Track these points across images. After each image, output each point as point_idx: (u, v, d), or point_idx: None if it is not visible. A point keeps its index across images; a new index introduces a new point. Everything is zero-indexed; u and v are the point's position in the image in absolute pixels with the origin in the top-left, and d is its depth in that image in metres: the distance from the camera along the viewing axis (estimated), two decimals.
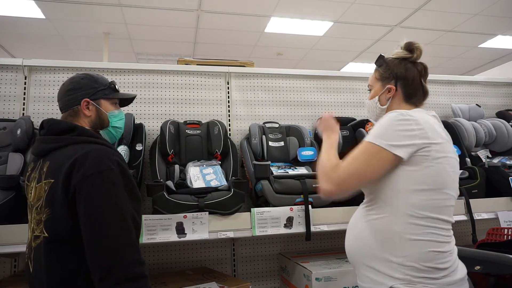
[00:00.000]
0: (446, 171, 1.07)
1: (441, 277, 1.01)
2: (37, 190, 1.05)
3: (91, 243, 0.94)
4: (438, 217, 1.05)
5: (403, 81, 1.22)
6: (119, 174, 1.01)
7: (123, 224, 0.97)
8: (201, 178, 1.82)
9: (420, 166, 1.05)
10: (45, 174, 1.04)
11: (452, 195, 1.09)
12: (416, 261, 1.02)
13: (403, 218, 1.06)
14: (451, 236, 1.09)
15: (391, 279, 1.04)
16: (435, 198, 1.06)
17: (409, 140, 1.05)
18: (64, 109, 1.20)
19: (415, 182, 1.06)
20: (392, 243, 1.06)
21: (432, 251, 1.03)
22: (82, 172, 0.97)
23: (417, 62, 1.25)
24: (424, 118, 1.11)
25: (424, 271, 1.01)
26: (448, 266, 1.03)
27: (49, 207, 0.99)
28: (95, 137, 1.11)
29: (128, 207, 1.00)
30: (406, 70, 1.22)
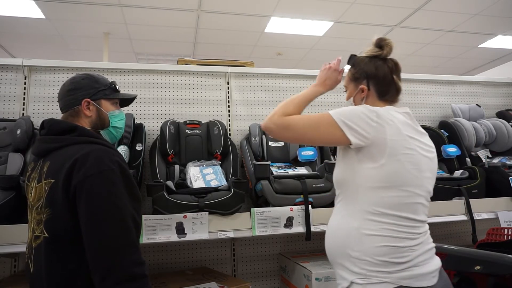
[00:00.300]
0: (406, 169, 1.06)
1: (396, 271, 1.02)
2: (37, 190, 1.05)
3: (92, 243, 0.94)
4: (397, 214, 1.05)
5: (375, 80, 1.21)
6: (120, 174, 1.01)
7: (124, 224, 0.97)
8: (201, 178, 1.82)
9: (377, 163, 1.06)
10: (45, 174, 1.04)
11: (416, 193, 1.08)
12: (371, 256, 1.04)
13: (361, 214, 1.08)
14: (416, 233, 1.07)
15: (351, 273, 1.06)
16: (394, 196, 1.06)
17: (364, 128, 1.06)
18: (64, 109, 1.20)
19: (373, 179, 1.07)
20: (351, 239, 1.08)
21: (386, 246, 1.04)
22: (83, 172, 0.97)
23: (387, 59, 1.24)
24: (391, 115, 1.11)
25: (378, 265, 1.03)
26: (405, 261, 1.03)
27: (49, 207, 0.99)
28: (96, 137, 1.11)
29: (128, 207, 1.00)
30: (377, 68, 1.21)
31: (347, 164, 1.13)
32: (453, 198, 1.98)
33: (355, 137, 1.06)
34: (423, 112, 2.65)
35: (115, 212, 0.97)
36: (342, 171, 1.16)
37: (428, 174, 1.12)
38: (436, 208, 1.90)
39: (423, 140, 1.15)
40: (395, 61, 1.24)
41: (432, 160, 1.15)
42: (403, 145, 1.07)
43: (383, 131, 1.06)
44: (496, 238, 1.81)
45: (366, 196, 1.08)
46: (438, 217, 1.89)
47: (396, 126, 1.08)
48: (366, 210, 1.07)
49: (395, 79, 1.22)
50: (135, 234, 1.00)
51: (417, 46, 6.44)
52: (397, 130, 1.08)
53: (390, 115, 1.10)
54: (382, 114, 1.08)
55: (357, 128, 1.06)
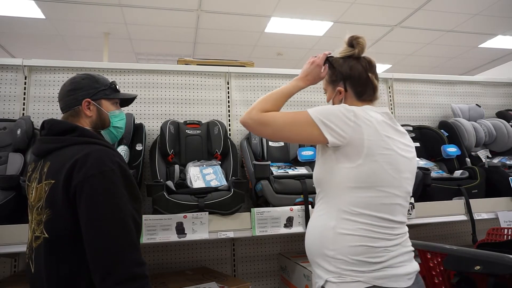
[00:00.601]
0: (384, 169, 1.06)
1: (370, 271, 1.02)
2: (37, 191, 1.05)
3: (92, 243, 0.94)
4: (374, 214, 1.05)
5: (350, 81, 1.20)
6: (120, 175, 1.01)
7: (124, 224, 0.97)
8: (201, 178, 1.82)
9: (355, 163, 1.06)
10: (46, 175, 1.04)
11: (394, 193, 1.08)
12: (346, 255, 1.04)
13: (338, 214, 1.08)
14: (393, 234, 1.07)
15: (327, 272, 1.07)
16: (372, 196, 1.06)
17: (342, 127, 1.06)
18: (65, 110, 1.19)
19: (350, 179, 1.07)
20: (328, 238, 1.08)
21: (362, 246, 1.04)
22: (83, 172, 0.97)
23: (360, 58, 1.22)
24: (368, 114, 1.10)
25: (352, 264, 1.03)
26: (380, 261, 1.03)
27: (50, 208, 0.99)
28: (96, 138, 1.11)
29: (128, 207, 1.00)
30: (351, 69, 1.20)
31: (325, 163, 1.13)
32: (453, 198, 1.98)
33: (332, 136, 1.06)
34: (423, 112, 2.65)
35: (115, 212, 0.97)
36: (320, 170, 1.16)
37: (407, 175, 1.11)
38: (436, 208, 1.91)
39: (402, 140, 1.14)
40: (368, 59, 1.22)
41: (411, 160, 1.14)
42: (380, 145, 1.07)
43: (360, 131, 1.06)
44: (496, 238, 1.81)
45: (343, 195, 1.08)
46: (438, 217, 1.89)
47: (373, 126, 1.08)
48: (343, 210, 1.07)
49: (370, 77, 1.20)
50: (135, 235, 1.00)
51: (417, 46, 6.44)
52: (375, 130, 1.07)
53: (367, 115, 1.10)
54: (359, 114, 1.08)
55: (335, 127, 1.06)
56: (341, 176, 1.08)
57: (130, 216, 0.99)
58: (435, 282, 1.38)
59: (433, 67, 7.55)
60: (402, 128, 1.18)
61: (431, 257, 1.38)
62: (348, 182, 1.07)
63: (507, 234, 1.78)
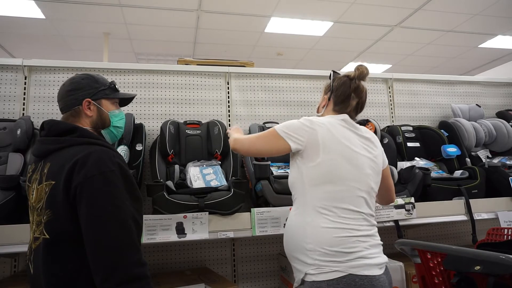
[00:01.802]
0: (341, 164, 1.22)
1: (346, 260, 1.13)
2: (38, 192, 1.05)
3: (92, 243, 0.94)
4: (341, 206, 1.19)
5: (335, 93, 1.37)
6: (120, 176, 1.01)
7: (124, 225, 0.96)
8: (201, 178, 1.82)
9: (315, 162, 1.22)
10: (46, 176, 1.03)
11: (356, 187, 1.22)
12: (323, 246, 1.15)
13: (311, 209, 1.21)
14: (361, 225, 1.20)
15: (306, 265, 1.17)
16: (336, 190, 1.20)
17: (300, 133, 1.25)
18: (65, 110, 1.19)
19: (314, 177, 1.22)
20: (305, 232, 1.19)
21: (337, 237, 1.16)
22: (84, 173, 0.96)
23: (353, 80, 1.36)
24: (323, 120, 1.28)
25: (330, 255, 1.14)
26: (354, 251, 1.15)
27: (50, 209, 0.99)
28: (96, 138, 1.11)
29: (129, 208, 0.99)
30: (340, 85, 1.37)
31: (295, 167, 1.29)
32: (453, 198, 1.99)
33: (293, 142, 1.25)
34: (423, 112, 2.65)
35: (115, 213, 0.96)
36: (292, 175, 1.31)
37: (368, 171, 1.26)
38: (436, 208, 1.91)
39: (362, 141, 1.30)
40: (359, 84, 1.36)
41: (372, 160, 1.28)
42: (335, 143, 1.23)
43: (315, 133, 1.24)
44: (496, 238, 1.81)
45: (312, 192, 1.22)
46: (438, 217, 1.90)
47: (325, 127, 1.25)
48: (315, 205, 1.21)
49: (351, 98, 1.35)
50: (136, 235, 1.00)
51: (417, 46, 6.44)
52: (327, 130, 1.25)
53: (322, 121, 1.28)
54: (314, 121, 1.27)
55: (294, 135, 1.25)
56: (307, 175, 1.24)
57: (130, 216, 0.99)
58: (435, 282, 1.38)
59: (433, 67, 7.55)
60: (365, 133, 1.33)
61: (431, 257, 1.38)
62: (314, 179, 1.22)
63: (507, 234, 1.78)
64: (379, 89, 2.60)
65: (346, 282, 1.11)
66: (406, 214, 1.82)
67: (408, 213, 1.83)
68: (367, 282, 1.12)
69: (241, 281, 2.09)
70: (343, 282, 1.11)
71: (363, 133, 1.32)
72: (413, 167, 2.01)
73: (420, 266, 1.44)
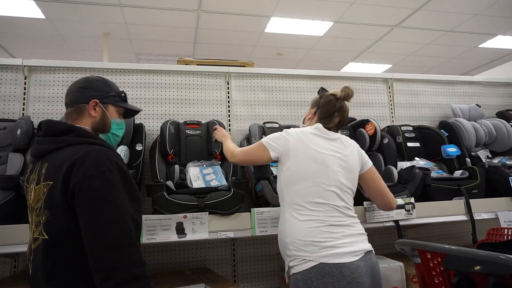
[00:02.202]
0: (309, 165, 1.39)
1: (316, 250, 1.26)
2: (36, 192, 1.04)
3: (92, 244, 0.94)
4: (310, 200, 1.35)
5: (320, 109, 1.54)
6: (118, 175, 1.01)
7: (123, 225, 0.96)
8: (201, 178, 1.82)
9: (287, 165, 1.42)
10: (44, 176, 1.03)
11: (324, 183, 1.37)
12: (296, 238, 1.31)
13: (288, 206, 1.39)
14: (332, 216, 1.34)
15: (288, 258, 1.33)
16: (307, 186, 1.37)
17: (277, 143, 1.46)
18: (70, 105, 1.19)
19: (287, 177, 1.41)
20: (285, 228, 1.37)
21: (308, 228, 1.31)
22: (82, 173, 0.96)
23: (340, 100, 1.52)
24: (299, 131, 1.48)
25: (302, 246, 1.28)
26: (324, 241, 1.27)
27: (48, 209, 0.99)
28: (94, 138, 1.11)
29: (127, 207, 0.99)
30: (326, 103, 1.53)
31: (278, 174, 1.49)
32: (453, 198, 1.98)
33: (273, 150, 1.46)
34: (423, 112, 2.65)
35: (114, 213, 0.96)
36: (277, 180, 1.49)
37: (336, 168, 1.40)
38: (436, 208, 1.91)
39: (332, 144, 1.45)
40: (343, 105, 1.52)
41: (341, 158, 1.43)
42: (304, 149, 1.41)
43: (287, 142, 1.44)
44: (496, 238, 1.81)
45: (287, 192, 1.41)
46: (438, 217, 1.90)
47: (297, 136, 1.45)
48: (290, 202, 1.38)
49: (334, 116, 1.51)
50: (135, 235, 1.00)
51: (417, 46, 6.44)
52: (299, 139, 1.44)
53: (295, 131, 1.48)
54: (289, 132, 1.48)
55: (274, 144, 1.46)
56: (283, 178, 1.44)
57: (129, 216, 0.99)
58: (435, 282, 1.38)
59: (433, 67, 7.55)
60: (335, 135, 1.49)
61: (431, 257, 1.37)
62: (287, 180, 1.41)
63: (507, 234, 1.78)
64: (379, 89, 2.60)
65: (317, 271, 1.23)
66: (406, 214, 1.82)
67: (408, 213, 1.83)
68: (336, 270, 1.22)
69: (241, 281, 2.09)
70: (314, 271, 1.23)
71: (332, 136, 1.48)
72: (413, 167, 2.01)
73: (420, 266, 1.44)
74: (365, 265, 1.27)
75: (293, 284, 1.29)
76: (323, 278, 1.22)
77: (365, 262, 1.28)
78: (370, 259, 1.32)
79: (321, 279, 1.22)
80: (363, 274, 1.26)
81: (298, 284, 1.26)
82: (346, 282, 1.22)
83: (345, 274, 1.22)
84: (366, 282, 1.26)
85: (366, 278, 1.26)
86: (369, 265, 1.29)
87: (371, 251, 1.34)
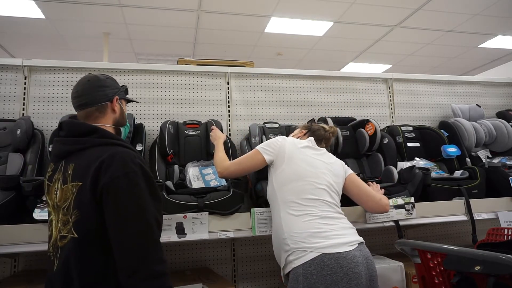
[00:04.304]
0: (301, 167, 1.50)
1: (317, 242, 1.32)
2: (63, 192, 1.08)
3: (118, 241, 0.99)
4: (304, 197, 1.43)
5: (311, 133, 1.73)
6: (142, 176, 1.05)
7: (148, 224, 1.01)
8: (201, 178, 1.82)
9: (281, 168, 1.52)
10: (71, 177, 1.07)
11: (315, 181, 1.47)
12: (295, 232, 1.37)
13: (282, 205, 1.46)
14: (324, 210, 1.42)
15: (285, 253, 1.37)
16: (299, 185, 1.46)
17: (272, 147, 1.56)
18: (91, 104, 1.19)
19: (281, 179, 1.50)
20: (280, 225, 1.43)
21: (304, 221, 1.38)
22: (110, 174, 1.00)
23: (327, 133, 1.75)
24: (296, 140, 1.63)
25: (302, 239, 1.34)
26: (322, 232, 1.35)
27: (78, 209, 1.03)
28: (116, 139, 1.14)
29: (151, 207, 1.03)
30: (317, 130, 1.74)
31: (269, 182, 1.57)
32: (453, 198, 1.98)
33: (268, 155, 1.55)
34: (423, 112, 2.65)
35: (140, 213, 1.00)
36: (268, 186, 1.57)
37: (325, 171, 1.52)
38: (436, 208, 1.91)
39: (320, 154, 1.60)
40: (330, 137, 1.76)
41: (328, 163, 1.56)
42: (298, 154, 1.54)
43: (284, 147, 1.55)
44: (496, 238, 1.81)
45: (280, 192, 1.48)
46: (438, 217, 1.89)
47: (292, 142, 1.59)
48: (284, 201, 1.45)
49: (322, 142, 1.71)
50: (158, 233, 1.05)
51: (417, 46, 6.44)
52: (294, 145, 1.57)
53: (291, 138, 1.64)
54: (285, 138, 1.62)
55: (268, 148, 1.56)
56: (276, 180, 1.51)
57: (153, 216, 1.03)
58: (435, 282, 1.38)
59: (433, 67, 7.55)
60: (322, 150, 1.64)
61: (431, 257, 1.37)
62: (281, 181, 1.49)
63: (507, 234, 1.78)
64: (379, 89, 2.60)
65: (316, 263, 1.28)
66: (406, 214, 1.82)
67: (408, 212, 1.82)
68: (334, 262, 1.28)
69: (241, 281, 2.09)
70: (314, 264, 1.28)
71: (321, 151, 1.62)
72: (413, 167, 2.01)
73: (420, 266, 1.44)
74: (360, 254, 1.34)
75: (293, 279, 1.32)
76: (322, 271, 1.27)
77: (360, 252, 1.35)
78: (363, 249, 1.40)
79: (320, 272, 1.27)
80: (359, 264, 1.32)
81: (298, 278, 1.29)
82: (343, 273, 1.27)
83: (343, 265, 1.28)
84: (362, 272, 1.32)
85: (362, 267, 1.32)
86: (363, 254, 1.37)
87: (363, 243, 1.42)
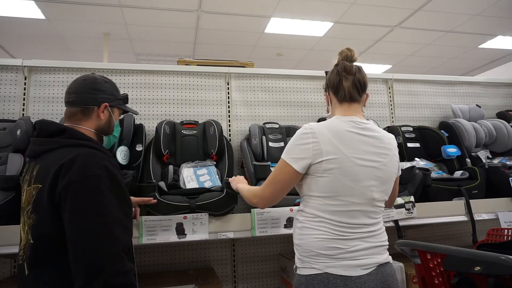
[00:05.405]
0: (339, 181, 1.18)
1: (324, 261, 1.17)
2: (27, 194, 1.03)
3: (74, 251, 0.92)
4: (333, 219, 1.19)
5: (329, 85, 1.34)
6: (107, 179, 0.98)
7: (107, 232, 0.94)
8: (195, 179, 1.81)
9: (314, 176, 1.21)
10: (34, 178, 1.02)
11: (351, 201, 1.20)
12: (305, 245, 1.22)
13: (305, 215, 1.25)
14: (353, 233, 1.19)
15: (297, 258, 1.27)
16: (330, 204, 1.20)
17: (304, 154, 1.20)
18: (77, 104, 1.15)
19: (312, 189, 1.22)
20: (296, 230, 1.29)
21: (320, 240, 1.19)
22: (67, 178, 0.94)
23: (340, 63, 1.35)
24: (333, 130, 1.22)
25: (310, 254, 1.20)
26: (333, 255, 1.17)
27: (36, 213, 0.98)
28: (85, 140, 1.08)
29: (114, 213, 0.97)
30: (331, 74, 1.35)
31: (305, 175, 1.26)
32: (453, 198, 1.98)
33: (298, 164, 1.21)
34: (423, 112, 2.65)
35: (98, 220, 0.94)
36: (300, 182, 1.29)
37: (370, 183, 1.21)
38: (436, 208, 1.91)
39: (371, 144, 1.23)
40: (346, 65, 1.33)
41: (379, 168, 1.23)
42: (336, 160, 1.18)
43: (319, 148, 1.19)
44: (496, 239, 1.81)
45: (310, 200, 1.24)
46: (438, 218, 1.89)
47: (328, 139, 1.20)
48: (308, 213, 1.24)
49: (341, 81, 1.30)
50: (121, 242, 0.97)
51: (417, 46, 6.44)
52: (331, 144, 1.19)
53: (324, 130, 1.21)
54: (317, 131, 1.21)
55: (297, 156, 1.21)
56: (306, 186, 1.25)
57: (116, 222, 0.96)
58: (435, 283, 1.38)
59: (433, 67, 7.55)
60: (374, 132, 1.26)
61: (431, 258, 1.37)
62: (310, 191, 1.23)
63: (507, 235, 1.78)
64: (379, 89, 2.60)
65: (320, 279, 1.16)
66: (406, 214, 1.82)
67: (408, 212, 1.82)
68: (340, 282, 1.14)
69: (241, 282, 2.09)
70: (317, 279, 1.17)
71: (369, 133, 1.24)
72: (413, 168, 2.01)
73: (420, 267, 1.44)
74: (375, 279, 1.18)
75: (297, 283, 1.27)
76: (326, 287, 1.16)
77: (375, 276, 1.18)
78: (384, 271, 1.21)
79: None
80: None
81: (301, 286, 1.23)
82: None
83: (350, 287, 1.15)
84: None
85: None
86: (380, 278, 1.19)
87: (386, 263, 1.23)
